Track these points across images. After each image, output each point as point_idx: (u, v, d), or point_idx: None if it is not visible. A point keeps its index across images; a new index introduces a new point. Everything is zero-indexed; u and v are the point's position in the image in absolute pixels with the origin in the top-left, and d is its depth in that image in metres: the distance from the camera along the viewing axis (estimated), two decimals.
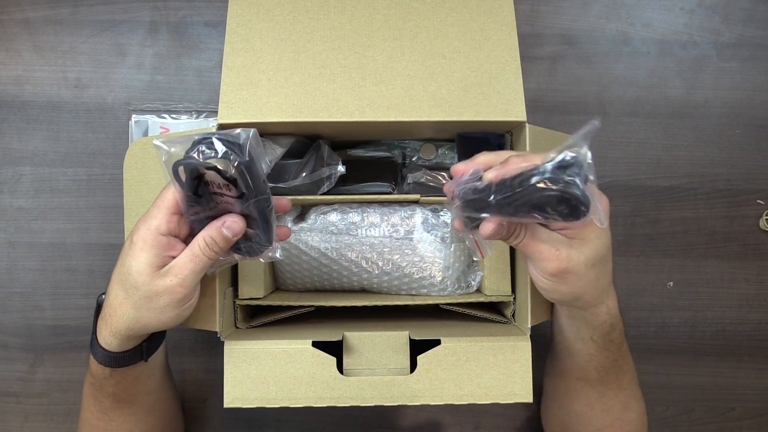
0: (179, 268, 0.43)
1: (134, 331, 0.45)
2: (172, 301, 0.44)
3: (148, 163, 0.52)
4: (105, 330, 0.46)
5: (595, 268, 0.42)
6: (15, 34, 0.70)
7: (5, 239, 0.69)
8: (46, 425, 0.68)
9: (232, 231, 0.43)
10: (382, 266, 0.56)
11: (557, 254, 0.41)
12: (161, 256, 0.43)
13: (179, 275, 0.43)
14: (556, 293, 0.44)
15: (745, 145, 0.72)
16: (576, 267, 0.41)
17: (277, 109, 0.51)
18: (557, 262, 0.41)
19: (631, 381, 0.53)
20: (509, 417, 0.70)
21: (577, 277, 0.42)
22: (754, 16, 0.73)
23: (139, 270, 0.43)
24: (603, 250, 0.42)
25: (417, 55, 0.53)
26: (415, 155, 0.62)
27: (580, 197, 0.35)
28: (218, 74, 0.52)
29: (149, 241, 0.43)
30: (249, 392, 0.49)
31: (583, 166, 0.35)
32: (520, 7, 0.71)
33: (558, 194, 0.35)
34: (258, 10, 0.53)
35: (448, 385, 0.49)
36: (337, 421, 0.69)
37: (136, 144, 0.53)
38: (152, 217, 0.43)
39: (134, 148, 0.53)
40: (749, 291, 0.72)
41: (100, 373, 0.48)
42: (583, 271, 0.42)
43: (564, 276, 0.42)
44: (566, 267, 0.41)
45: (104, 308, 0.46)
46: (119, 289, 0.44)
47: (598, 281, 0.44)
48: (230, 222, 0.43)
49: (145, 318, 0.44)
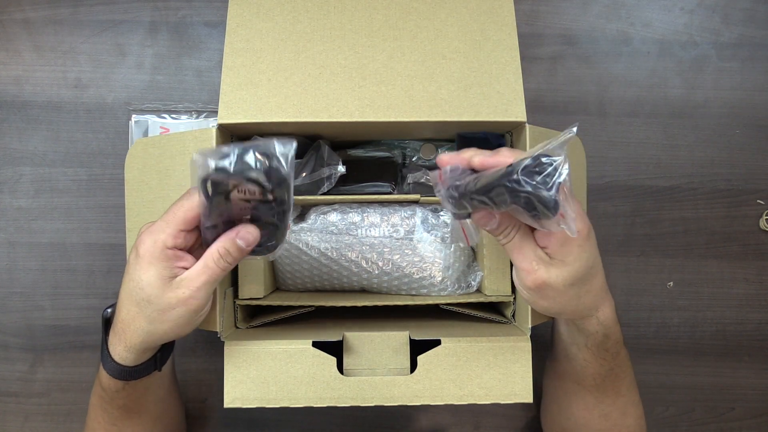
0: (192, 280, 0.43)
1: (149, 343, 0.45)
2: (186, 312, 0.43)
3: (149, 163, 0.52)
4: (119, 345, 0.45)
5: (574, 288, 0.43)
6: (15, 34, 0.70)
7: (5, 239, 0.69)
8: (46, 425, 0.68)
9: (246, 242, 0.42)
10: (382, 266, 0.56)
11: (535, 269, 0.41)
12: (171, 268, 0.43)
13: (191, 287, 0.42)
14: (536, 306, 0.45)
15: (745, 145, 0.72)
16: (554, 284, 0.42)
17: (277, 109, 0.51)
18: (534, 276, 0.41)
19: (629, 387, 0.53)
20: (509, 417, 0.70)
21: (555, 293, 0.42)
22: (754, 16, 0.73)
23: (151, 283, 0.42)
24: (582, 271, 0.42)
25: (417, 55, 0.53)
26: (415, 155, 0.62)
27: (547, 201, 0.35)
28: (218, 74, 0.52)
29: (156, 254, 0.42)
30: (249, 392, 0.49)
31: (556, 173, 0.35)
32: (520, 7, 0.71)
33: (525, 195, 0.36)
34: (258, 11, 0.53)
35: (448, 385, 0.49)
36: (337, 421, 0.69)
37: (138, 144, 0.53)
38: (160, 231, 0.42)
39: (136, 149, 0.53)
40: (749, 291, 0.72)
41: (112, 386, 0.48)
42: (561, 289, 0.42)
43: (541, 291, 0.42)
44: (542, 283, 0.42)
45: (115, 324, 0.45)
46: (130, 304, 0.44)
47: (580, 299, 0.44)
48: (244, 233, 0.42)
49: (160, 330, 0.44)
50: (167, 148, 0.52)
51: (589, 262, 0.42)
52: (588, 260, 0.42)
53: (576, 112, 0.72)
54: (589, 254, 0.42)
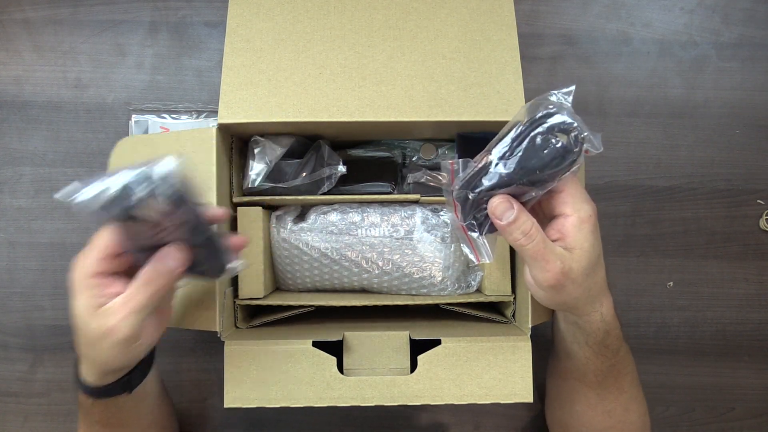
0: (117, 308, 0.40)
1: (102, 368, 0.43)
2: (115, 342, 0.40)
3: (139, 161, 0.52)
4: (81, 364, 0.44)
5: (589, 277, 0.43)
6: (15, 34, 0.70)
7: (5, 239, 0.69)
8: (46, 425, 0.68)
9: (167, 266, 0.40)
10: (382, 266, 0.56)
11: (561, 267, 0.41)
12: (97, 297, 0.40)
13: (117, 315, 0.40)
14: (551, 302, 0.45)
15: (745, 145, 0.72)
16: (575, 276, 0.42)
17: (277, 109, 0.51)
18: (560, 275, 0.41)
19: (631, 383, 0.53)
20: (509, 417, 0.70)
21: (573, 285, 0.42)
22: (754, 16, 0.73)
23: (79, 313, 0.41)
24: (595, 257, 0.43)
25: (417, 55, 0.53)
26: (415, 155, 0.62)
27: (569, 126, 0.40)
28: (218, 74, 0.52)
29: (82, 282, 0.40)
30: (249, 392, 0.49)
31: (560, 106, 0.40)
32: (520, 7, 0.71)
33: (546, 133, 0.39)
34: (258, 11, 0.53)
35: (448, 385, 0.49)
36: (337, 421, 0.69)
37: (125, 142, 0.53)
38: (84, 257, 0.41)
39: (122, 147, 0.53)
40: (749, 291, 0.72)
41: (84, 400, 0.47)
42: (580, 280, 0.42)
43: (561, 287, 0.42)
44: (564, 278, 0.42)
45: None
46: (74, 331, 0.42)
47: (590, 291, 0.44)
48: (164, 255, 0.40)
49: (99, 360, 0.42)
50: (159, 147, 0.52)
51: (599, 248, 0.43)
52: (598, 246, 0.43)
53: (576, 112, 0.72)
54: (598, 241, 0.43)
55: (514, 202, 0.41)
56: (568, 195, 0.42)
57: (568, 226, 0.42)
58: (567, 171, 0.40)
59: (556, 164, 0.40)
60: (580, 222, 0.41)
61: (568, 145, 0.39)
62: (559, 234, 0.42)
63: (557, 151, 0.39)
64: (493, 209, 0.41)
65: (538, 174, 0.40)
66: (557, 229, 0.42)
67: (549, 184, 0.41)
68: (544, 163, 0.39)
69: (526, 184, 0.40)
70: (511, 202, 0.41)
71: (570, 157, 0.39)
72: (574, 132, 0.39)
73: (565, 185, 0.42)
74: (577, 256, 0.42)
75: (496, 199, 0.41)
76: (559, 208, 0.42)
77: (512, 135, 0.40)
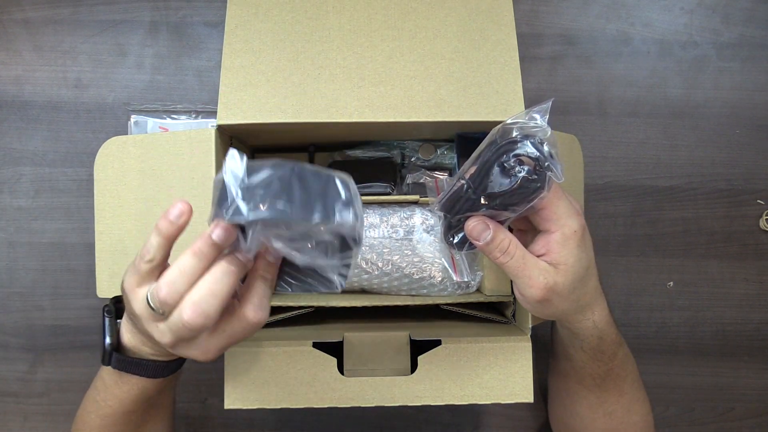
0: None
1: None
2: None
3: (127, 162, 0.52)
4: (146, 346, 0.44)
5: (576, 290, 0.43)
6: (15, 34, 0.70)
7: (5, 239, 0.69)
8: (46, 425, 0.68)
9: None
10: (382, 267, 0.56)
11: (545, 283, 0.41)
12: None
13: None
14: (539, 314, 0.46)
15: (745, 145, 0.72)
16: (560, 291, 0.42)
17: (277, 110, 0.51)
18: (545, 290, 0.41)
19: (632, 385, 0.53)
20: (509, 417, 0.70)
21: (560, 299, 0.43)
22: (754, 16, 0.73)
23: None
24: (582, 271, 0.42)
25: (416, 56, 0.52)
26: (414, 155, 0.62)
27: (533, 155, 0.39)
28: (218, 74, 0.52)
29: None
30: (249, 393, 0.49)
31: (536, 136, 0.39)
32: (520, 7, 0.71)
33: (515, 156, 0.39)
34: (257, 11, 0.53)
35: (448, 385, 0.49)
36: (337, 422, 0.69)
37: (112, 143, 0.52)
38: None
39: (109, 147, 0.52)
40: (749, 291, 0.72)
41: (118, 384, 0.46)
42: (566, 294, 0.42)
43: (548, 301, 0.43)
44: (550, 293, 0.42)
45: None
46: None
47: (578, 302, 0.44)
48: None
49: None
50: (151, 147, 0.52)
51: (586, 261, 0.43)
52: (586, 259, 0.43)
53: (576, 112, 0.72)
54: (587, 253, 0.43)
55: (490, 222, 0.41)
56: (550, 212, 0.41)
57: (552, 242, 0.41)
58: (534, 199, 0.40)
59: (522, 193, 0.39)
60: (564, 238, 0.41)
61: (530, 175, 0.39)
62: (545, 249, 0.42)
63: (522, 181, 0.39)
64: (470, 231, 0.42)
65: (507, 199, 0.40)
66: (542, 245, 0.42)
67: (520, 207, 0.41)
68: (510, 190, 0.39)
69: (498, 208, 0.41)
70: (486, 222, 0.41)
71: (533, 185, 0.39)
72: (536, 163, 0.39)
73: (548, 202, 0.41)
74: (562, 271, 0.41)
75: (471, 221, 0.42)
76: (543, 224, 0.42)
77: (481, 160, 0.40)
